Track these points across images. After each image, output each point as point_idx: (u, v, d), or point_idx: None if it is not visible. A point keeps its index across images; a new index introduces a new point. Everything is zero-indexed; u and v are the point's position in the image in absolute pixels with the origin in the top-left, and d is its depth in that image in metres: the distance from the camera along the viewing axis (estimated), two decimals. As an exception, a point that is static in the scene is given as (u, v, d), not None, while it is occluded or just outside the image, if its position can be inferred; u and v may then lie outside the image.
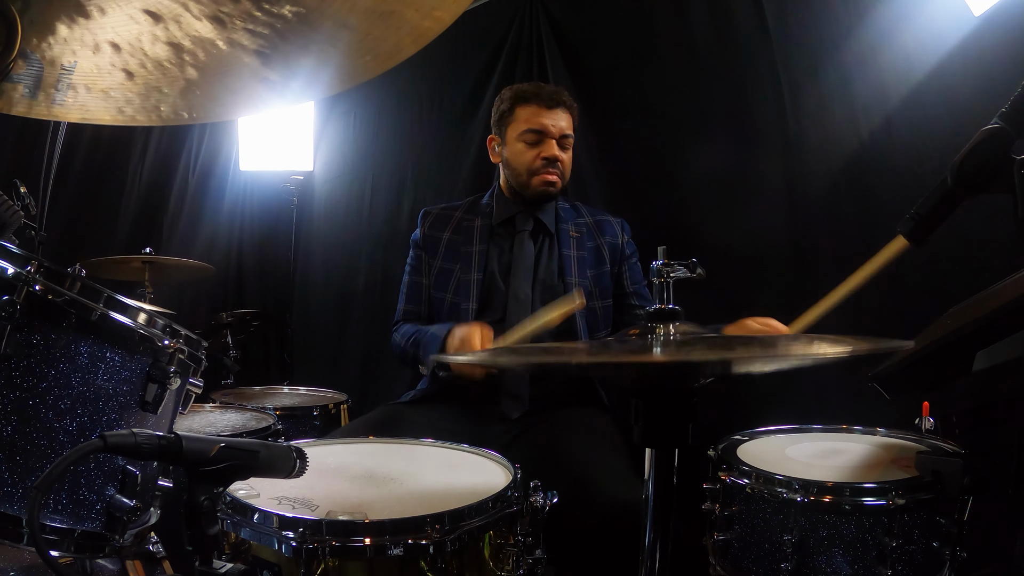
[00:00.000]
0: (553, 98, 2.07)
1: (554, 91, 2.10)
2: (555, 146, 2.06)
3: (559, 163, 2.06)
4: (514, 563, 1.18)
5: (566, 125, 2.08)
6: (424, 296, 2.13)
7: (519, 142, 2.07)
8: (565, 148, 2.09)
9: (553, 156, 2.05)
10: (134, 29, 1.19)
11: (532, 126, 2.06)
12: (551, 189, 2.07)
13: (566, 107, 2.09)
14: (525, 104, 2.08)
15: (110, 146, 3.34)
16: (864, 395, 1.48)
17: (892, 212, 2.07)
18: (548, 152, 2.04)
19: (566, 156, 2.09)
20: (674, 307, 1.16)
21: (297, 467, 0.95)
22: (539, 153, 2.05)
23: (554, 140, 2.06)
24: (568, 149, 2.10)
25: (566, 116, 2.09)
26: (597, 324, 2.07)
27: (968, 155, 1.10)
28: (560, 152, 2.07)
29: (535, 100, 2.07)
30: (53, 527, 1.06)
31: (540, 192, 2.07)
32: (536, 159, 2.05)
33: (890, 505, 1.25)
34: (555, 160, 2.05)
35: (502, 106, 2.13)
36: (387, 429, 1.77)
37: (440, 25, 1.18)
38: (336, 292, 3.44)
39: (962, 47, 2.03)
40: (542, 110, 2.06)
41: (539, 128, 2.05)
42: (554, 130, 2.05)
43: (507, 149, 2.11)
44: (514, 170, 2.09)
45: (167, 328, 1.17)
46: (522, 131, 2.07)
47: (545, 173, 2.05)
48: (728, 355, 0.96)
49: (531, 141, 2.06)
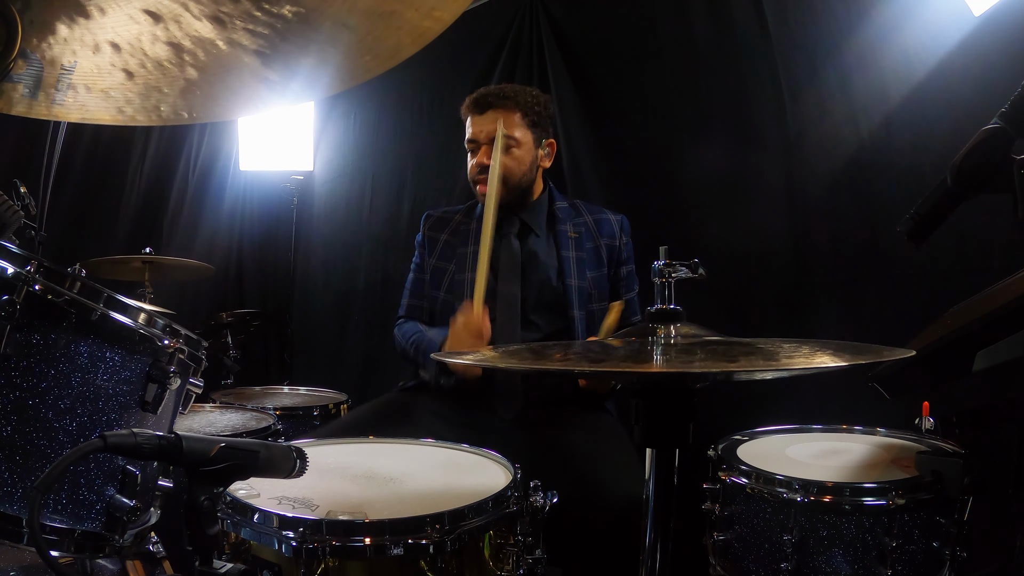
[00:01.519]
0: (480, 103, 2.03)
1: (485, 93, 2.05)
2: (483, 153, 2.01)
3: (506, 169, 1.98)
4: (514, 563, 1.18)
5: (500, 127, 1.96)
6: (427, 292, 2.14)
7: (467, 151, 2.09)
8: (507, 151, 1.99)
9: (480, 164, 2.01)
10: (134, 29, 1.19)
11: (467, 135, 2.06)
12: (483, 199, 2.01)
13: (498, 107, 2.01)
14: (466, 115, 2.08)
15: (110, 146, 3.34)
16: (864, 395, 1.48)
17: (892, 212, 2.09)
18: (477, 160, 2.03)
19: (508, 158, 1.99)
20: (675, 308, 1.16)
21: (297, 467, 0.95)
22: (476, 162, 2.04)
23: (485, 146, 2.01)
24: (510, 148, 2.00)
25: (502, 115, 1.99)
26: (595, 325, 2.06)
27: (968, 155, 1.10)
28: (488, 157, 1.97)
29: (470, 108, 2.06)
30: (53, 527, 1.06)
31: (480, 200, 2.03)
32: (472, 168, 2.05)
33: (890, 505, 1.25)
34: (485, 167, 1.99)
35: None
36: (391, 415, 1.77)
37: (440, 25, 1.18)
38: (336, 292, 3.45)
39: (962, 47, 2.03)
40: (474, 117, 2.05)
41: (471, 137, 2.05)
42: (482, 136, 2.02)
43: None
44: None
45: (167, 328, 1.16)
46: (465, 141, 2.08)
47: (480, 183, 2.01)
48: (730, 366, 0.96)
49: (470, 150, 2.07)
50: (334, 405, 2.47)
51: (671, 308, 1.16)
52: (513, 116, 2.03)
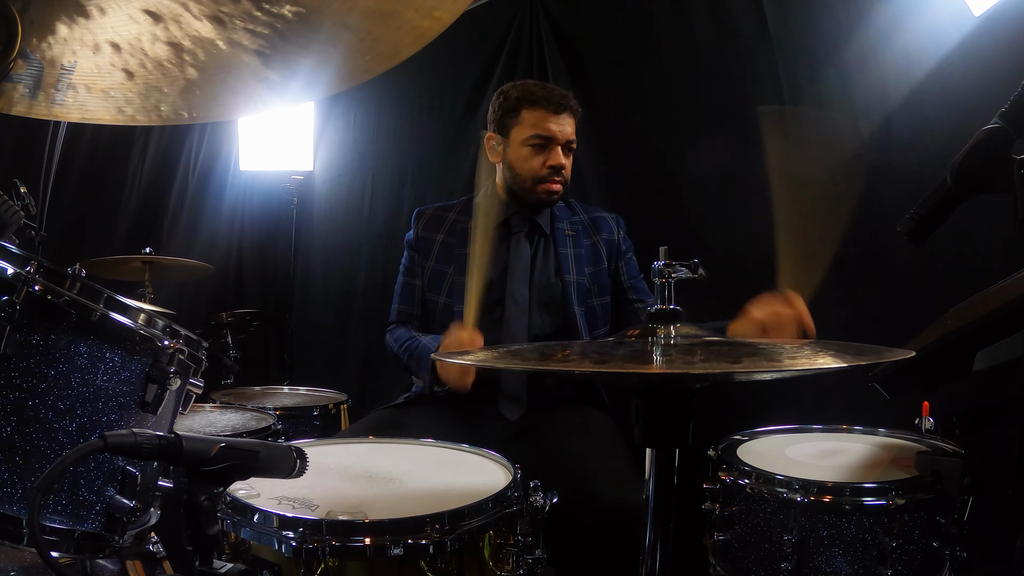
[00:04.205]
0: (561, 103, 2.00)
1: (562, 95, 2.03)
2: (560, 154, 2.00)
3: (564, 170, 2.02)
4: (514, 563, 1.18)
5: (571, 131, 2.02)
6: (418, 298, 2.10)
7: (525, 147, 2.00)
8: (568, 154, 2.04)
9: (559, 164, 1.99)
10: (134, 29, 1.19)
11: (540, 131, 1.98)
12: (554, 198, 2.04)
13: (572, 111, 2.02)
14: (532, 107, 2.00)
15: (110, 146, 3.33)
16: (864, 395, 1.48)
17: (892, 212, 2.08)
18: (555, 160, 1.98)
19: (569, 162, 2.04)
20: (676, 308, 1.16)
21: (297, 467, 0.95)
22: (545, 160, 1.99)
23: (560, 147, 2.00)
24: (571, 154, 2.06)
25: (571, 121, 2.02)
26: (596, 322, 2.06)
27: (968, 155, 1.10)
28: (565, 159, 2.02)
29: (543, 104, 1.99)
30: (53, 528, 1.06)
31: (543, 200, 2.04)
32: (542, 167, 1.99)
33: (890, 505, 1.25)
34: (561, 168, 2.00)
35: (506, 104, 2.04)
36: (386, 432, 1.76)
37: (440, 25, 1.17)
38: (336, 292, 3.45)
39: (962, 47, 2.03)
40: (549, 115, 1.98)
41: (547, 134, 1.98)
42: (561, 136, 1.99)
43: (511, 151, 2.03)
44: (517, 175, 2.02)
45: (167, 328, 1.16)
46: (528, 136, 1.99)
47: (550, 183, 2.00)
48: (731, 367, 0.96)
49: (537, 146, 1.99)
50: (334, 405, 2.47)
51: (671, 308, 1.16)
52: (576, 120, 2.05)
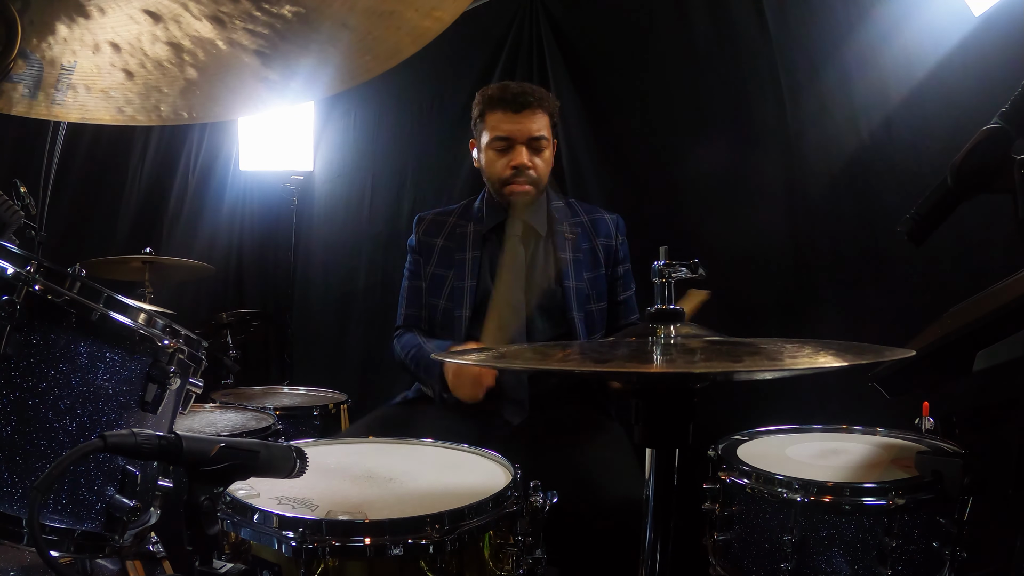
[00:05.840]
0: (519, 100, 1.96)
1: (520, 92, 1.98)
2: (524, 153, 1.96)
3: (531, 170, 1.98)
4: (514, 563, 1.18)
5: (539, 127, 1.97)
6: (424, 300, 2.09)
7: (489, 150, 2.00)
8: (538, 151, 1.99)
9: (521, 164, 1.96)
10: (134, 29, 1.19)
11: (499, 133, 1.97)
12: (524, 199, 2.01)
13: (536, 107, 1.97)
14: (493, 110, 1.99)
15: (110, 146, 3.33)
16: (864, 395, 1.48)
17: (892, 212, 2.09)
18: (517, 160, 1.96)
19: (540, 160, 2.00)
20: (676, 308, 1.16)
21: (297, 467, 0.95)
22: (508, 162, 1.97)
23: (523, 146, 1.97)
24: (543, 150, 2.01)
25: (538, 116, 1.98)
26: (595, 326, 2.06)
27: (968, 155, 1.10)
28: (531, 158, 1.97)
29: (501, 106, 1.98)
30: (53, 527, 1.06)
31: (514, 201, 2.01)
32: (506, 168, 1.97)
33: (890, 505, 1.25)
34: (524, 168, 1.97)
35: (476, 110, 2.05)
36: (388, 431, 1.76)
37: (440, 25, 1.18)
38: (336, 292, 3.44)
39: (962, 47, 2.03)
40: (508, 115, 1.96)
41: (505, 135, 1.97)
42: (521, 135, 1.96)
43: (483, 156, 2.04)
44: (488, 178, 2.04)
45: (167, 328, 1.16)
46: (490, 139, 1.99)
47: (514, 184, 1.98)
48: (731, 367, 0.96)
49: (500, 148, 1.98)
50: (334, 405, 2.47)
51: (671, 308, 1.16)
52: (544, 117, 2.01)
